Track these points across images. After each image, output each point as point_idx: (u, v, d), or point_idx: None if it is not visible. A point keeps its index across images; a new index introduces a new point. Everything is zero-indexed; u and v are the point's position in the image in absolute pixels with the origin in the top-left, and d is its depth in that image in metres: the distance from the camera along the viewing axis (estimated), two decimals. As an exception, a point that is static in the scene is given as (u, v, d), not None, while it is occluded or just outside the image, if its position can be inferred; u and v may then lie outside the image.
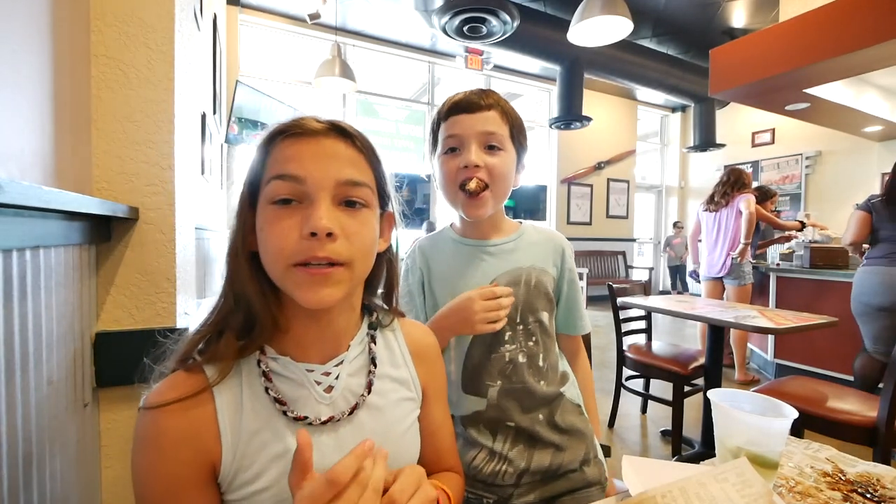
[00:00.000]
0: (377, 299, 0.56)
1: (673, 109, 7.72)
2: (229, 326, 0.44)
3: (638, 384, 2.51)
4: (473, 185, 0.71)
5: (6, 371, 0.57)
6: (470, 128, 0.72)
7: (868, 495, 0.53)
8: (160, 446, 0.40)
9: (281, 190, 0.42)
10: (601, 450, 0.82)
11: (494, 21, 3.80)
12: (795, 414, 0.52)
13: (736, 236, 2.89)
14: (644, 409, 2.55)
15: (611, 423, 2.34)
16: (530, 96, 6.87)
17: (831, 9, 2.43)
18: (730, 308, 1.97)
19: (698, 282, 3.28)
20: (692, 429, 2.24)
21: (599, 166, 6.92)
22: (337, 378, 0.47)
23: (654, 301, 2.19)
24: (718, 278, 3.07)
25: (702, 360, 2.00)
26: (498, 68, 5.84)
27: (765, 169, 6.42)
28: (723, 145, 6.22)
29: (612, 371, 2.49)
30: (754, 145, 6.58)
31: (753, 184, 3.16)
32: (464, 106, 0.73)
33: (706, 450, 1.95)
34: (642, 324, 2.44)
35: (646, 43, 5.27)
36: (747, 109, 5.90)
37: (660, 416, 2.46)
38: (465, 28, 3.89)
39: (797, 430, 1.38)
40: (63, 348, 0.76)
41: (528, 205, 6.83)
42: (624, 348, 2.29)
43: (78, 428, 0.82)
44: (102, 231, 0.91)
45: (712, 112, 6.09)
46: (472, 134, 0.71)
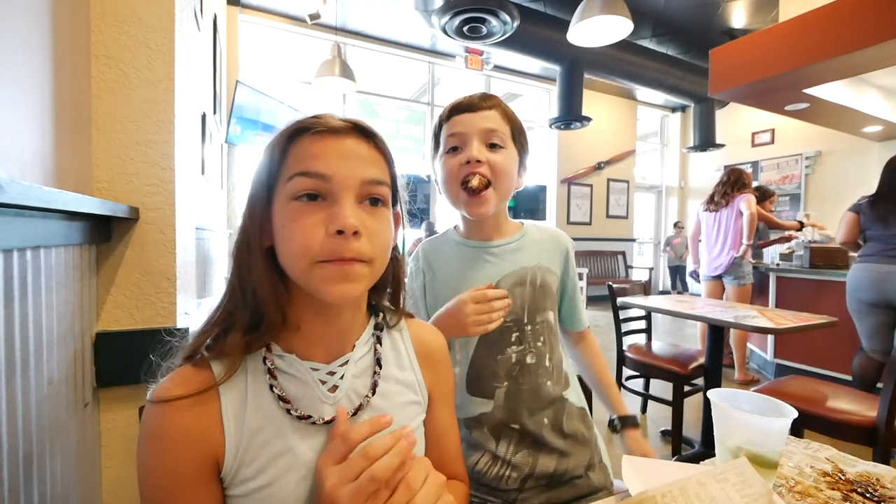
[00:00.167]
0: (384, 300, 0.56)
1: (673, 109, 7.72)
2: (236, 323, 0.45)
3: (638, 384, 2.51)
4: (476, 182, 0.70)
5: (6, 371, 0.57)
6: (471, 125, 0.72)
7: (868, 495, 0.53)
8: (164, 441, 0.41)
9: (305, 186, 0.42)
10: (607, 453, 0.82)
11: (494, 21, 3.80)
12: (795, 414, 0.52)
13: (737, 237, 2.90)
14: (644, 409, 2.54)
15: (611, 423, 2.34)
16: (530, 96, 6.87)
17: (831, 9, 2.43)
18: (730, 308, 1.97)
19: (698, 282, 3.28)
20: (692, 429, 2.24)
21: (599, 166, 6.92)
22: (342, 378, 0.47)
23: (654, 301, 2.19)
24: (718, 278, 3.07)
25: (702, 360, 2.00)
26: (498, 68, 5.84)
27: (765, 169, 6.41)
28: (723, 145, 6.22)
29: (612, 371, 2.45)
30: (754, 145, 6.58)
31: (753, 184, 3.16)
32: (465, 106, 0.73)
33: (706, 450, 1.95)
34: (642, 324, 2.44)
35: (646, 43, 5.26)
36: (747, 109, 5.90)
37: (660, 416, 2.46)
38: (465, 28, 3.89)
39: (797, 430, 1.38)
40: (63, 348, 0.76)
41: (528, 205, 6.82)
42: (624, 348, 2.28)
43: (78, 428, 0.82)
44: (103, 231, 0.91)
45: (712, 112, 6.09)
46: (474, 131, 0.72)
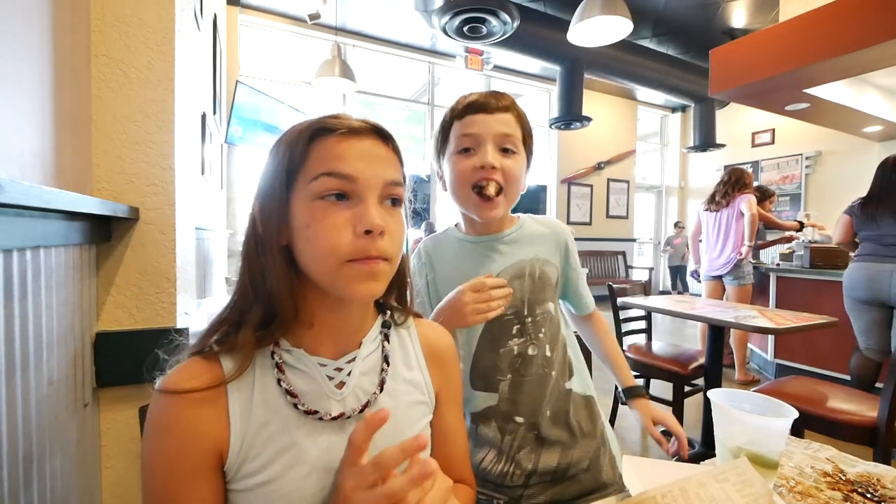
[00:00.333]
0: (391, 298, 0.56)
1: (673, 109, 7.72)
2: (249, 319, 0.45)
3: (638, 384, 2.50)
4: (493, 191, 0.70)
5: (6, 371, 0.57)
6: (487, 128, 0.71)
7: (868, 495, 0.53)
8: (172, 433, 0.41)
9: (331, 186, 0.43)
10: (613, 448, 0.81)
11: (494, 21, 3.80)
12: (795, 414, 0.52)
13: (738, 238, 2.90)
14: (644, 409, 2.54)
15: (611, 423, 2.34)
16: (530, 96, 6.86)
17: (831, 9, 2.43)
18: (730, 308, 1.97)
19: (699, 281, 3.28)
20: (692, 429, 2.24)
21: (599, 166, 6.92)
22: (349, 374, 0.48)
23: (654, 301, 2.19)
24: (719, 278, 3.07)
25: (702, 360, 2.00)
26: (498, 68, 5.84)
27: (765, 169, 6.41)
28: (723, 145, 6.22)
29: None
30: (754, 145, 6.58)
31: (754, 184, 3.16)
32: (480, 106, 0.72)
33: (706, 450, 1.94)
34: (642, 324, 2.44)
35: (646, 43, 5.26)
36: (747, 109, 5.90)
37: (660, 416, 2.46)
38: (465, 28, 3.89)
39: (797, 430, 1.37)
40: (63, 348, 0.76)
41: (528, 205, 6.78)
42: (624, 348, 2.28)
43: (78, 428, 0.82)
44: (103, 231, 0.91)
45: (712, 112, 6.08)
46: (489, 134, 0.71)
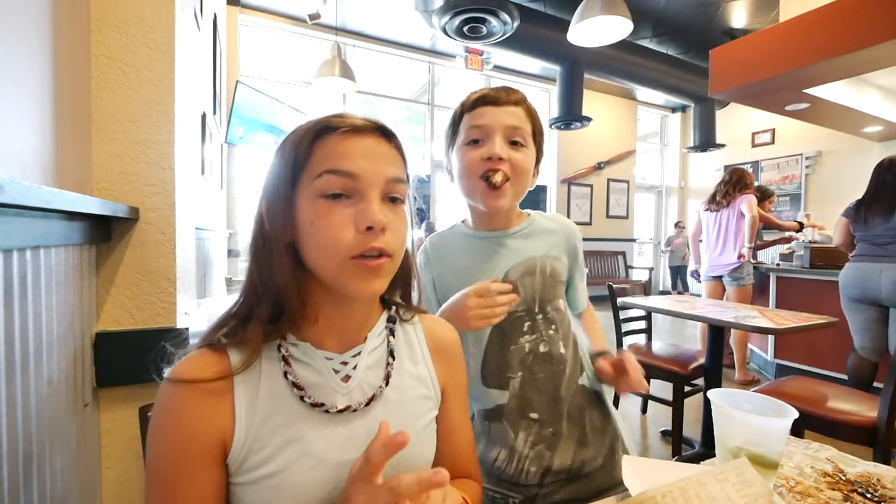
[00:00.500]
0: (396, 295, 0.57)
1: (673, 110, 7.72)
2: (257, 314, 0.46)
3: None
4: (499, 179, 0.70)
5: (6, 371, 0.57)
6: (496, 120, 0.72)
7: (868, 495, 0.53)
8: (176, 421, 0.42)
9: (334, 184, 0.44)
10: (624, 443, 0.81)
11: (494, 21, 3.80)
12: (795, 414, 0.52)
13: (739, 239, 2.90)
14: (644, 410, 2.54)
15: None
16: (530, 96, 6.76)
17: (831, 9, 2.43)
18: (730, 308, 1.97)
19: (699, 281, 3.28)
20: (692, 429, 2.24)
21: (599, 166, 6.92)
22: (354, 368, 0.48)
23: (654, 301, 2.19)
24: (719, 278, 3.07)
25: (702, 361, 2.00)
26: (498, 68, 5.84)
27: (765, 169, 6.41)
28: (723, 145, 6.22)
29: None
30: (754, 145, 6.58)
31: (754, 184, 3.16)
32: (491, 99, 0.73)
33: (706, 450, 1.94)
34: (642, 324, 2.44)
35: (646, 43, 5.26)
36: (747, 109, 5.89)
37: (660, 416, 2.46)
38: (465, 28, 3.89)
39: (797, 430, 1.37)
40: (63, 348, 0.76)
41: (529, 205, 6.68)
42: (624, 348, 2.28)
43: (78, 428, 0.82)
44: (103, 231, 0.91)
45: (712, 112, 6.08)
46: (498, 126, 0.71)
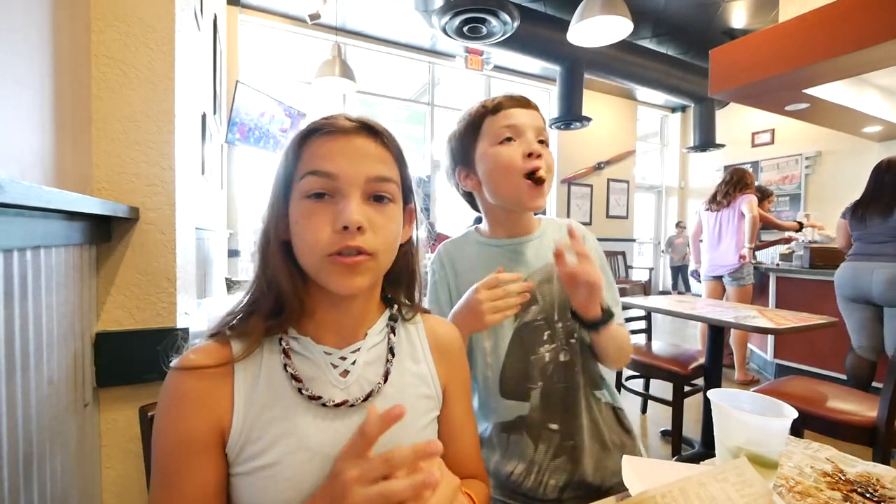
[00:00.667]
0: (400, 293, 0.57)
1: (673, 109, 7.71)
2: (260, 308, 0.47)
3: (638, 384, 2.51)
4: (544, 173, 0.71)
5: (7, 371, 0.57)
6: (527, 119, 0.74)
7: (868, 495, 0.53)
8: (179, 406, 0.43)
9: (315, 185, 0.45)
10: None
11: (494, 21, 3.80)
12: (795, 414, 0.52)
13: (739, 238, 2.90)
14: (644, 410, 2.54)
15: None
16: (530, 96, 6.79)
17: (831, 9, 2.43)
18: (730, 308, 1.97)
19: (699, 281, 3.29)
20: (692, 429, 2.24)
21: (599, 166, 6.91)
22: (353, 363, 0.49)
23: (655, 301, 2.19)
24: (719, 278, 3.07)
25: (702, 360, 2.00)
26: (498, 68, 5.83)
27: (765, 169, 6.41)
28: (723, 145, 6.22)
29: (613, 371, 2.48)
30: (754, 145, 6.58)
31: (755, 184, 3.16)
32: (516, 101, 0.76)
33: (706, 450, 1.95)
34: (642, 324, 2.44)
35: (646, 43, 5.26)
36: (747, 109, 5.89)
37: (660, 416, 2.46)
38: (465, 28, 3.89)
39: (797, 430, 1.37)
40: (63, 348, 0.76)
41: (528, 205, 6.82)
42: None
43: (78, 428, 0.82)
44: (103, 231, 0.91)
45: (712, 112, 6.08)
46: (530, 125, 0.73)
